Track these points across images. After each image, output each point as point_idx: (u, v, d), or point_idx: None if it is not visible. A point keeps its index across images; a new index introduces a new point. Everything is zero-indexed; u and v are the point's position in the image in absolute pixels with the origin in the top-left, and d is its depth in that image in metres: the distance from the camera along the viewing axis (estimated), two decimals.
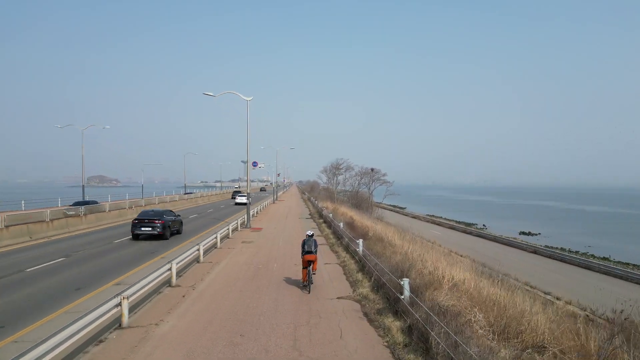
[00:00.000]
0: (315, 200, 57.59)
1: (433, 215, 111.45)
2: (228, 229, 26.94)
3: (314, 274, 14.39)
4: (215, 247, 22.39)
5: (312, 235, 14.38)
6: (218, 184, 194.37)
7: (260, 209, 49.55)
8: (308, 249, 13.68)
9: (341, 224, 24.88)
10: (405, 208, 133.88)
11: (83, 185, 51.11)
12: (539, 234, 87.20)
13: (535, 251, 54.33)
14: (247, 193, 32.31)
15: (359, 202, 75.14)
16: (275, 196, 70.79)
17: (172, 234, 26.94)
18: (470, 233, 71.81)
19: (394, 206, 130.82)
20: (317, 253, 14.07)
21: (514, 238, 65.43)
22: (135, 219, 26.03)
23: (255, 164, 62.46)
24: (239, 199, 60.06)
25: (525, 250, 55.83)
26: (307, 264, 13.64)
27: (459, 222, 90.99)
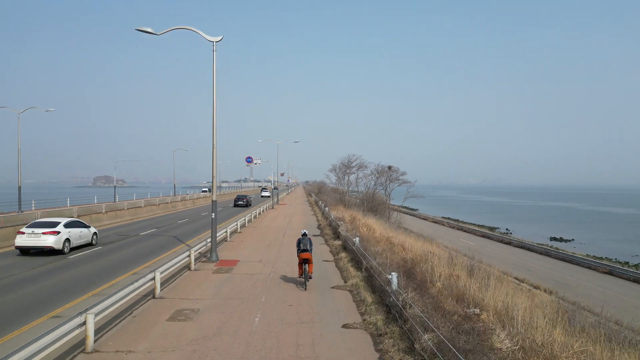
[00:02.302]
0: (324, 206, 43.39)
1: (449, 218, 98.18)
2: (168, 267, 12.96)
3: (310, 277, 13.87)
4: (84, 351, 8.43)
5: (306, 234, 13.85)
6: (225, 184, 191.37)
7: (252, 218, 35.67)
8: (304, 247, 13.24)
9: (394, 279, 10.63)
10: (417, 210, 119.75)
11: (19, 187, 37.58)
12: (572, 239, 74.49)
13: (610, 272, 40.04)
14: (214, 201, 18.32)
15: (375, 205, 61.05)
16: (275, 199, 56.61)
17: (249, 205, 51.31)
18: (509, 243, 57.43)
19: (405, 207, 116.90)
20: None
21: (572, 252, 51.09)
22: (236, 198, 54.20)
23: (249, 160, 49.21)
24: (264, 193, 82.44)
25: (595, 269, 41.52)
26: (303, 262, 13.27)
27: (493, 229, 77.19)
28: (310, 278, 13.88)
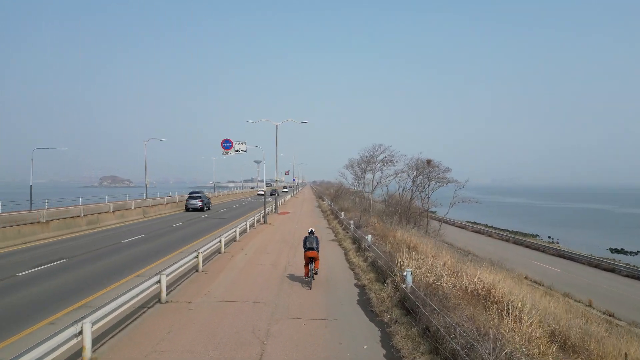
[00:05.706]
0: (355, 227, 22.85)
1: (482, 225, 79.78)
2: None
3: (316, 273, 12.94)
4: None
5: (313, 232, 12.89)
6: (232, 184, 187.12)
7: (209, 257, 16.47)
8: (310, 246, 12.30)
9: None
10: (435, 212, 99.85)
11: None
12: (638, 252, 55.12)
13: None
14: None
15: (413, 214, 41.47)
16: (270, 208, 36.81)
17: (278, 195, 49.39)
18: (612, 270, 37.54)
19: (424, 210, 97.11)
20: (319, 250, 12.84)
21: None
22: (271, 191, 63.43)
23: (227, 145, 30.32)
24: (285, 190, 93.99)
25: None
26: (309, 261, 12.32)
27: (533, 237, 58.37)
28: (316, 273, 12.94)
